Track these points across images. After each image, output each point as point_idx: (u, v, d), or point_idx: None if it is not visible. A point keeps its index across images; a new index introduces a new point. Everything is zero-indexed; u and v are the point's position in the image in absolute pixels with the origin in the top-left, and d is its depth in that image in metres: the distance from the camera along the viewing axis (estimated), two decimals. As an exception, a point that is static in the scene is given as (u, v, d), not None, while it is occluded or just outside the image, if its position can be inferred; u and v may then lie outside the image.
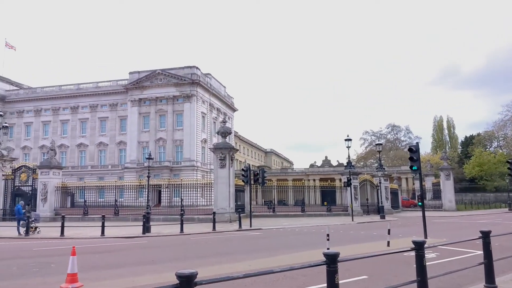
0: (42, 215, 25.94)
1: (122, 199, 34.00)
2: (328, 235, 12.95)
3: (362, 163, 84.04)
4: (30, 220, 20.31)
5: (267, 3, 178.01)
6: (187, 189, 31.70)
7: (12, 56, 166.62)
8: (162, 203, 43.31)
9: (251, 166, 26.73)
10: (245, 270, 9.80)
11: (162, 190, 41.63)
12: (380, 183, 35.88)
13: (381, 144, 40.84)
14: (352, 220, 28.64)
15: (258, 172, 24.80)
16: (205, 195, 32.99)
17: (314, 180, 67.14)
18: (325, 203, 38.35)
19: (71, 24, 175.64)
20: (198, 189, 32.75)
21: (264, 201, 47.11)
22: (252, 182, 24.81)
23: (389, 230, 14.70)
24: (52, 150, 33.10)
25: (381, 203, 35.20)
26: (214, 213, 23.11)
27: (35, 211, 27.90)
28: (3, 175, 32.26)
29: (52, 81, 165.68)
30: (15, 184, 32.60)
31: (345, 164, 38.66)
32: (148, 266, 11.03)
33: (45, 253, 14.01)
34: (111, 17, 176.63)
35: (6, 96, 72.71)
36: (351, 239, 17.35)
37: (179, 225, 21.08)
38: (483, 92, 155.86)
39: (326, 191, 39.05)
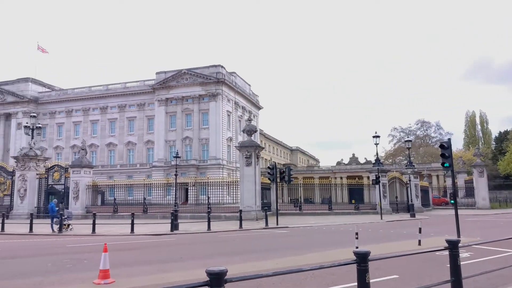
0: (74, 213, 26.70)
1: (150, 197, 34.57)
2: (356, 233, 12.74)
3: (390, 161, 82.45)
4: (63, 217, 20.93)
5: (285, 3, 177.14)
6: (213, 187, 31.93)
7: (44, 59, 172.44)
8: (189, 201, 43.79)
9: (276, 164, 26.63)
10: (273, 268, 9.73)
11: (189, 188, 42.08)
12: (410, 180, 35.03)
13: (410, 140, 39.89)
14: (381, 219, 28.12)
15: (284, 170, 24.67)
16: (231, 193, 33.12)
17: (341, 178, 66.39)
18: (353, 201, 37.86)
19: (100, 27, 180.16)
20: (224, 187, 32.93)
21: (290, 199, 46.92)
22: (278, 180, 24.71)
23: (420, 229, 14.31)
24: (83, 149, 34.03)
25: (411, 201, 34.40)
26: (240, 211, 23.17)
27: (67, 209, 28.80)
28: (37, 174, 33.39)
29: (82, 82, 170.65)
30: (49, 183, 33.66)
31: (373, 162, 38.03)
32: (176, 263, 11.15)
33: (78, 250, 14.39)
34: (139, 18, 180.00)
35: (39, 98, 75.28)
36: (380, 238, 17.01)
37: (206, 222, 21.23)
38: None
39: (354, 189, 38.51)
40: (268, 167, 24.93)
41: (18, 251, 14.10)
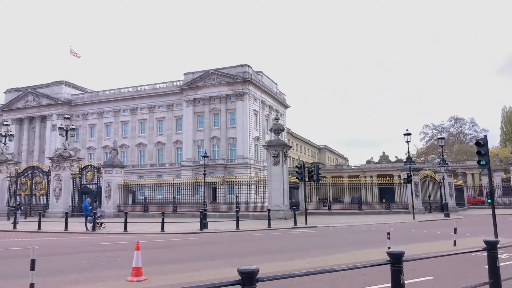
0: (106, 212, 27.37)
1: (179, 196, 35.03)
2: (388, 233, 12.45)
3: (422, 159, 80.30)
4: (96, 216, 21.51)
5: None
6: (241, 186, 32.03)
7: (76, 62, 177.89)
8: (217, 200, 44.14)
9: (304, 163, 26.39)
10: (303, 268, 9.67)
11: (217, 187, 42.41)
12: (443, 179, 33.95)
13: (443, 138, 38.64)
14: (413, 218, 27.41)
15: (313, 169, 24.42)
16: (259, 192, 33.14)
17: (371, 176, 65.17)
18: (384, 200, 37.03)
19: (129, 30, 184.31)
20: (252, 186, 32.95)
21: (319, 199, 46.47)
22: (307, 179, 24.49)
23: (455, 229, 13.85)
24: (114, 150, 34.88)
25: (445, 200, 33.36)
26: (269, 210, 23.11)
27: (100, 207, 29.62)
28: (71, 174, 34.49)
29: (113, 84, 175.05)
30: (82, 182, 34.68)
31: (405, 160, 37.08)
32: (207, 262, 11.22)
33: (111, 248, 14.74)
34: (167, 20, 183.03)
35: (72, 100, 77.75)
36: (413, 238, 16.57)
37: (235, 221, 21.30)
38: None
39: (385, 188, 37.66)
40: (296, 166, 24.73)
41: (55, 248, 14.57)
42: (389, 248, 11.37)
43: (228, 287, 3.60)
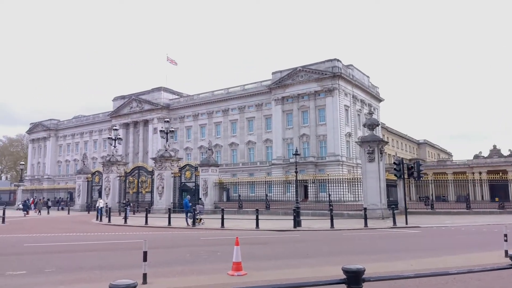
0: (204, 208, 28.76)
1: (271, 194, 35.43)
2: (505, 235, 11.07)
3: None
4: (195, 212, 22.68)
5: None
6: (333, 184, 31.29)
7: (171, 69, 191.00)
8: (308, 198, 43.80)
9: (402, 159, 24.80)
10: (407, 270, 9.11)
11: (308, 185, 42.09)
12: None
13: None
14: (534, 219, 24.18)
15: (413, 165, 22.83)
16: (353, 190, 32.06)
17: (479, 173, 59.29)
18: (496, 199, 33.32)
19: (217, 34, 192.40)
20: (345, 184, 31.97)
21: (419, 197, 43.53)
22: (406, 176, 22.98)
23: None
24: (209, 149, 36.54)
25: None
26: (365, 209, 22.16)
27: (202, 204, 31.34)
28: (172, 173, 36.97)
29: (205, 87, 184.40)
30: (181, 181, 36.97)
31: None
32: (303, 260, 11.06)
33: (211, 242, 15.34)
34: (253, 22, 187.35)
35: (170, 104, 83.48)
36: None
37: (329, 220, 20.81)
38: None
39: (497, 185, 33.85)
40: (394, 163, 23.36)
41: (161, 242, 15.61)
42: (506, 251, 10.20)
43: (332, 285, 3.46)
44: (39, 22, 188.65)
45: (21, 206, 38.12)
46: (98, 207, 32.27)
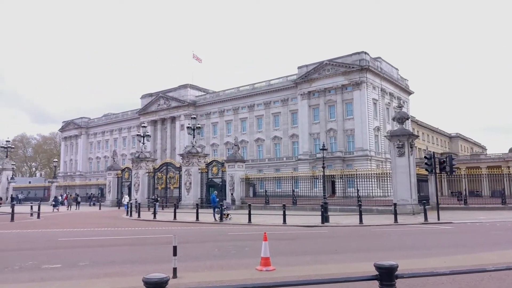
0: (231, 204, 28.93)
1: (297, 189, 35.22)
2: (546, 232, 10.61)
3: None
4: (223, 208, 22.83)
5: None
6: (361, 180, 30.80)
7: (197, 66, 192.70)
8: (336, 193, 43.36)
9: (434, 153, 24.09)
10: (440, 267, 8.90)
11: (335, 180, 41.66)
12: None
13: None
14: None
15: (445, 159, 22.13)
16: (381, 185, 31.48)
17: (516, 166, 56.98)
18: (534, 194, 31.91)
19: (242, 29, 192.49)
20: (374, 180, 31.44)
21: (451, 192, 42.27)
22: (438, 170, 22.32)
23: None
24: (235, 145, 36.68)
25: None
26: (394, 204, 21.70)
27: (234, 200, 31.56)
28: (199, 169, 37.36)
29: (231, 84, 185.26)
30: (208, 177, 37.31)
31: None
32: (332, 255, 10.95)
33: (238, 238, 15.39)
34: (278, 16, 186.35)
35: (196, 101, 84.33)
36: None
37: (357, 216, 20.48)
38: None
39: (534, 179, 32.41)
40: (425, 157, 22.72)
41: (190, 237, 15.79)
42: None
43: (364, 281, 3.46)
44: (72, 23, 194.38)
45: (53, 202, 39.62)
46: (124, 202, 33.90)
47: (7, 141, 61.17)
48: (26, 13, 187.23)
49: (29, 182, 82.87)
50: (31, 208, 29.53)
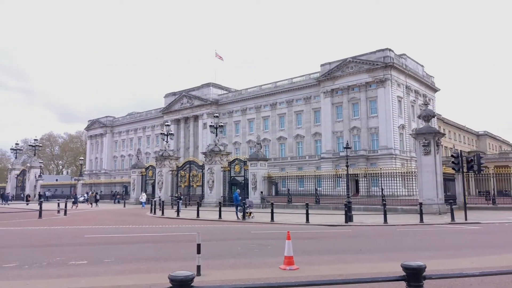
0: (254, 202, 28.95)
1: (320, 188, 34.95)
2: None
3: None
4: (245, 206, 22.87)
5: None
6: (386, 179, 30.29)
7: (220, 64, 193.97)
8: (359, 192, 42.83)
9: (461, 151, 23.44)
10: (468, 268, 8.70)
11: (359, 179, 41.14)
12: None
13: None
14: None
15: (472, 158, 21.52)
16: (406, 184, 30.87)
17: (547, 165, 54.81)
18: None
19: (264, 27, 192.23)
20: (398, 178, 30.86)
21: (479, 192, 41.04)
22: (465, 169, 21.71)
23: None
24: (258, 144, 36.70)
25: None
26: (420, 204, 21.25)
27: (262, 198, 31.63)
28: (221, 167, 37.57)
29: (253, 82, 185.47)
30: (231, 175, 37.48)
31: None
32: (356, 255, 10.81)
33: (261, 236, 15.39)
34: (301, 14, 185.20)
35: (219, 100, 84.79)
36: None
37: (382, 215, 20.18)
38: None
39: None
40: (452, 156, 22.13)
41: (213, 235, 15.88)
42: None
43: (391, 282, 3.39)
44: (100, 23, 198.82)
45: (81, 199, 40.79)
46: (141, 200, 35.59)
47: (35, 139, 63.32)
48: (55, 13, 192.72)
49: (56, 180, 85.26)
50: (58, 205, 30.40)
